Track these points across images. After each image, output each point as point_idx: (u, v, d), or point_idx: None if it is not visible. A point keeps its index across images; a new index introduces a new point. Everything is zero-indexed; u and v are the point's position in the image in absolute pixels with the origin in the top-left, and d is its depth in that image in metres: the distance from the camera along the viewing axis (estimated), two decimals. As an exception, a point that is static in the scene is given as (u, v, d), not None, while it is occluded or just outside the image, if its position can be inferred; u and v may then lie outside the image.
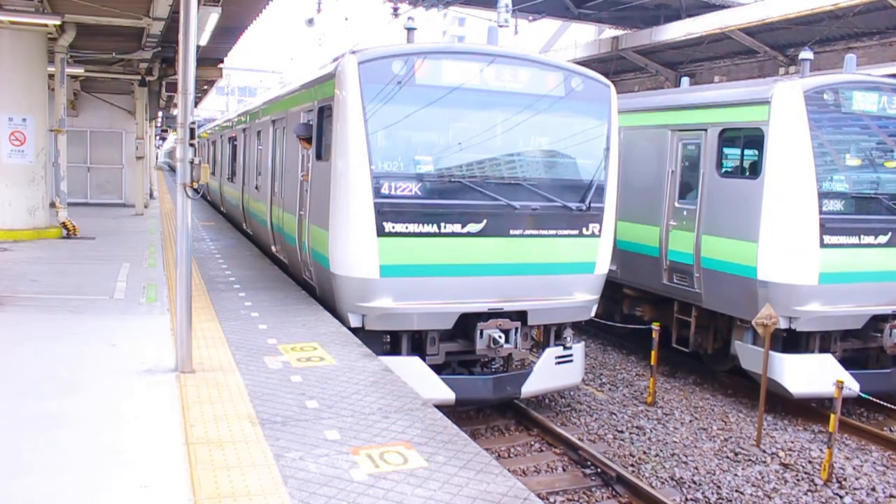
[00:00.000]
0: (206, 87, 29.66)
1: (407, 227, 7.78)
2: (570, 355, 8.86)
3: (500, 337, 8.05)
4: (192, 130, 6.06)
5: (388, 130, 7.83)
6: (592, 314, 9.01)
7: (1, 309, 8.29)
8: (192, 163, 6.07)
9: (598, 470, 7.42)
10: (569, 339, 8.88)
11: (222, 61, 21.93)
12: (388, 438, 4.95)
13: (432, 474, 4.45)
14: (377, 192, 7.65)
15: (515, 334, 8.23)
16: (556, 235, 8.35)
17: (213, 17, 13.08)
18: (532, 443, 8.28)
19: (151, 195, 26.88)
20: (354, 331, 7.87)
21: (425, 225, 7.84)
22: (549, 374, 8.67)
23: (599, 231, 8.57)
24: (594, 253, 8.58)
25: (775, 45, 17.97)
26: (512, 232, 8.13)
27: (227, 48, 19.84)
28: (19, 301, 8.70)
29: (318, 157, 8.83)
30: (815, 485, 7.47)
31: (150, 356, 6.63)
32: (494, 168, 8.25)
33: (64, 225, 14.66)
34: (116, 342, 7.12)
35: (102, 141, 23.66)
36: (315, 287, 9.21)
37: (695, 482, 7.42)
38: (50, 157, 15.16)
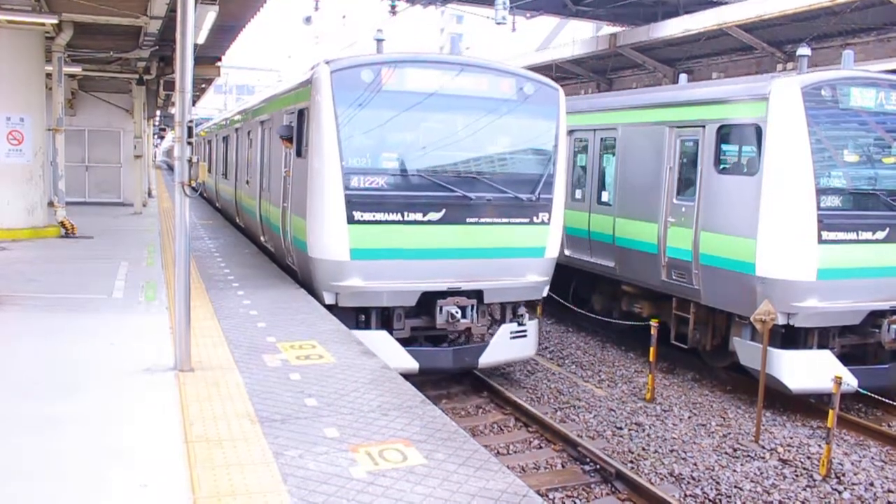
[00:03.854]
0: (203, 85, 29.62)
1: (374, 216, 8.80)
2: (525, 331, 9.81)
3: (457, 312, 9.02)
4: (189, 129, 6.06)
5: (357, 131, 8.86)
6: (544, 294, 10.01)
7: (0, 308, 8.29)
8: (189, 161, 6.07)
9: (597, 466, 7.44)
10: (525, 316, 9.82)
11: (220, 59, 21.90)
12: (388, 436, 4.96)
13: (431, 471, 4.45)
14: (347, 185, 8.68)
15: (472, 310, 9.18)
16: (509, 223, 9.34)
17: (211, 15, 13.07)
18: (531, 439, 8.30)
19: (150, 194, 26.85)
20: (329, 307, 8.82)
21: (390, 214, 8.86)
22: (504, 347, 9.61)
23: (549, 219, 9.56)
24: (544, 239, 9.58)
25: (773, 42, 17.97)
26: (468, 220, 9.12)
27: (225, 46, 19.82)
28: (18, 300, 8.69)
29: (298, 154, 9.71)
30: (814, 480, 7.49)
31: (149, 355, 6.63)
32: (453, 163, 9.23)
33: (62, 224, 14.65)
34: (115, 341, 7.12)
35: (100, 140, 23.62)
36: (297, 271, 10.24)
37: (694, 478, 7.43)
38: (48, 156, 15.14)
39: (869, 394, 8.57)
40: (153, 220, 18.58)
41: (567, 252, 12.92)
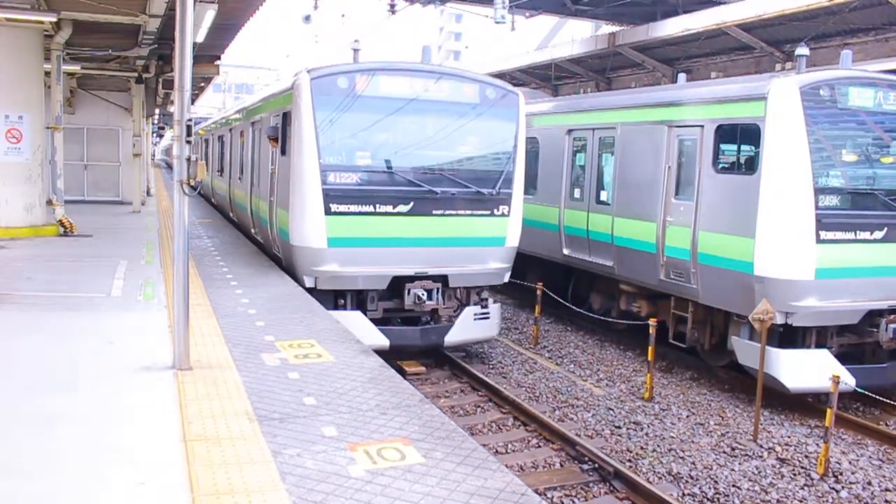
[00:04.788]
0: (202, 84, 29.57)
1: (349, 208, 9.71)
2: (487, 313, 10.70)
3: (423, 295, 9.95)
4: (188, 127, 6.05)
5: (334, 132, 9.75)
6: (505, 280, 10.89)
7: (-2, 307, 8.29)
8: (188, 160, 6.06)
9: (596, 465, 7.45)
10: (488, 300, 10.77)
11: (219, 58, 21.86)
12: (386, 435, 4.96)
13: (430, 470, 4.46)
14: (325, 181, 9.60)
15: (437, 293, 10.10)
16: (472, 215, 10.25)
17: (210, 13, 13.06)
18: (529, 438, 8.30)
19: (148, 192, 26.83)
20: (309, 290, 9.74)
21: (364, 206, 9.76)
22: (468, 327, 10.49)
23: (508, 212, 10.46)
24: (504, 229, 10.47)
25: (771, 41, 17.99)
26: (434, 212, 10.03)
27: (224, 45, 19.78)
28: (16, 299, 8.69)
29: (283, 153, 10.64)
30: (812, 479, 7.50)
31: (148, 353, 6.63)
32: (421, 161, 10.12)
33: (61, 222, 14.64)
34: (114, 339, 7.12)
35: (99, 138, 23.60)
36: (281, 259, 11.18)
37: (692, 477, 7.44)
38: (47, 154, 15.12)
39: (867, 393, 8.58)
40: (152, 219, 18.58)
41: (566, 251, 12.93)
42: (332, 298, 9.90)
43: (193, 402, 5.43)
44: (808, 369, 9.02)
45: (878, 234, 9.15)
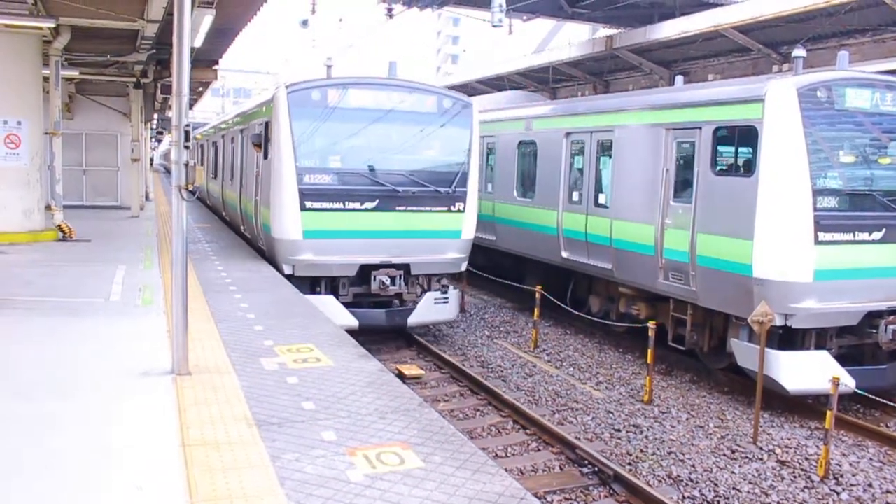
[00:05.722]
0: (201, 88, 29.61)
1: (322, 205, 10.99)
2: (447, 298, 11.89)
3: (387, 281, 11.18)
4: (186, 132, 6.05)
5: (308, 138, 11.11)
6: (462, 269, 12.23)
7: (-4, 312, 8.28)
8: (186, 165, 6.06)
9: (596, 469, 7.43)
10: (449, 286, 11.99)
11: (217, 63, 21.89)
12: (385, 439, 4.95)
13: (429, 474, 4.45)
14: (300, 181, 10.91)
15: (400, 280, 11.33)
16: (431, 211, 11.53)
17: (208, 19, 13.07)
18: (529, 442, 8.29)
19: (147, 197, 26.82)
20: (288, 277, 11.02)
21: (335, 203, 11.05)
22: (429, 310, 11.68)
23: (464, 208, 11.74)
24: (460, 223, 11.76)
25: (768, 43, 18.01)
26: (397, 208, 11.31)
27: (222, 50, 19.81)
28: (15, 304, 8.69)
29: (265, 157, 11.99)
30: (812, 482, 7.49)
31: (147, 358, 6.63)
32: (385, 163, 11.37)
33: (60, 228, 14.64)
34: (112, 344, 7.12)
35: (98, 143, 23.60)
36: (265, 250, 12.64)
37: (692, 480, 7.43)
38: (45, 159, 15.13)
39: (867, 394, 8.58)
40: (150, 224, 18.57)
41: (564, 254, 12.92)
42: (309, 284, 11.13)
43: (192, 406, 5.42)
44: (808, 371, 9.01)
45: (877, 235, 9.15)
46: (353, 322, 10.91)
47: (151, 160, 38.96)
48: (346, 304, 11.15)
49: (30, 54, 13.86)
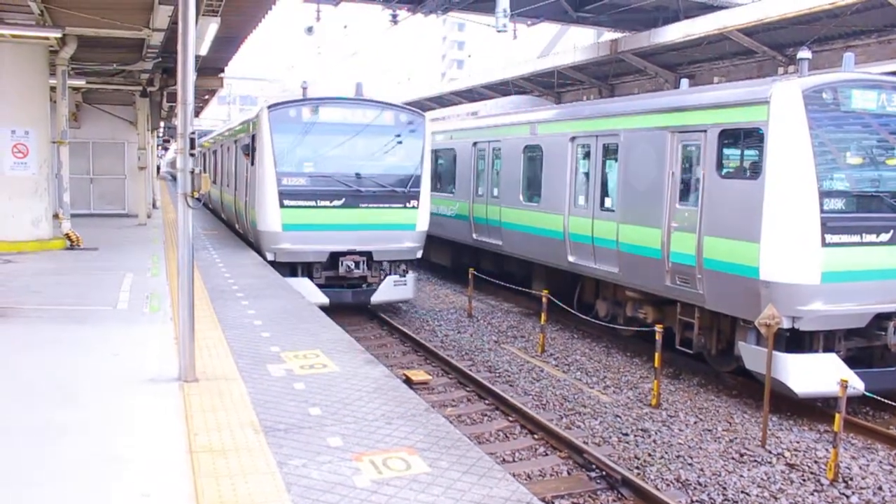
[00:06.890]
0: (207, 96, 29.71)
1: (298, 203, 13.25)
2: (405, 281, 14.06)
3: (352, 265, 13.40)
4: (192, 140, 6.08)
5: (287, 148, 13.41)
6: (418, 256, 14.33)
7: (5, 320, 8.33)
8: (192, 172, 6.09)
9: (603, 473, 7.41)
10: (408, 271, 14.19)
11: (223, 70, 21.98)
12: (391, 444, 4.95)
13: (435, 480, 4.45)
14: (280, 183, 13.19)
15: (363, 265, 13.53)
16: (389, 207, 13.79)
17: (213, 27, 13.14)
18: (537, 447, 8.27)
19: (154, 205, 26.93)
20: (271, 263, 13.27)
21: (308, 201, 13.31)
22: (389, 290, 13.88)
23: (417, 205, 13.97)
24: (414, 218, 13.99)
25: (773, 45, 17.97)
26: (361, 205, 13.58)
27: (228, 58, 19.89)
28: (23, 312, 8.73)
29: (252, 164, 14.27)
30: (822, 485, 7.44)
31: (154, 365, 6.65)
32: (351, 168, 13.61)
33: (67, 236, 14.71)
34: (120, 352, 7.14)
35: (105, 152, 23.72)
36: (253, 242, 14.99)
37: (700, 484, 7.40)
38: (52, 168, 15.22)
39: (876, 397, 8.52)
40: (157, 231, 18.65)
41: (571, 258, 12.91)
42: (289, 269, 13.30)
43: (199, 413, 5.43)
44: (816, 374, 8.96)
45: (885, 237, 9.10)
46: (325, 299, 12.96)
47: (158, 168, 39.05)
48: (320, 286, 13.26)
49: (37, 64, 13.96)
